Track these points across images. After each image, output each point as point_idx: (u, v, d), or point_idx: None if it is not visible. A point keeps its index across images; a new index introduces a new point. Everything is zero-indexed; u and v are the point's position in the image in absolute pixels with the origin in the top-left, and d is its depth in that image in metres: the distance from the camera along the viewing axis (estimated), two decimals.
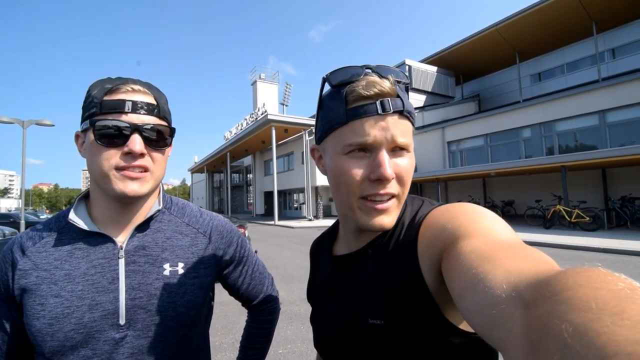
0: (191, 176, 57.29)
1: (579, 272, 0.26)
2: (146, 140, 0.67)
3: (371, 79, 0.53)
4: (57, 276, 0.67)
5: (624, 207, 11.67)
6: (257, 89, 34.94)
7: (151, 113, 0.68)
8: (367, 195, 0.53)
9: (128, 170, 0.66)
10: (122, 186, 0.65)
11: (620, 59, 18.89)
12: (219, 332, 3.83)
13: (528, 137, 16.18)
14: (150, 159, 0.69)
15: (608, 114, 13.55)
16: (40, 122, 12.67)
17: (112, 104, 0.65)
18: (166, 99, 0.75)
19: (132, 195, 0.66)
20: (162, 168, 0.73)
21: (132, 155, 0.66)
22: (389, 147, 0.53)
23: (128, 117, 0.66)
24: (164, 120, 0.72)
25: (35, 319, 0.64)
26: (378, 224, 0.54)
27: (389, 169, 0.51)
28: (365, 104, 0.52)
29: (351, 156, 0.54)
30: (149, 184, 0.69)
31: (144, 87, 0.70)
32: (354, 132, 0.53)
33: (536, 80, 23.01)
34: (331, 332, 0.64)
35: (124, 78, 0.70)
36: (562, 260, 7.02)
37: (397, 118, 0.53)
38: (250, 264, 0.92)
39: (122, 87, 0.67)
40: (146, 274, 0.71)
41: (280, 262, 7.94)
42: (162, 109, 0.71)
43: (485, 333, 0.33)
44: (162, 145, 0.71)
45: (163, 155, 0.72)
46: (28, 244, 0.70)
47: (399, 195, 0.55)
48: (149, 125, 0.67)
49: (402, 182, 0.54)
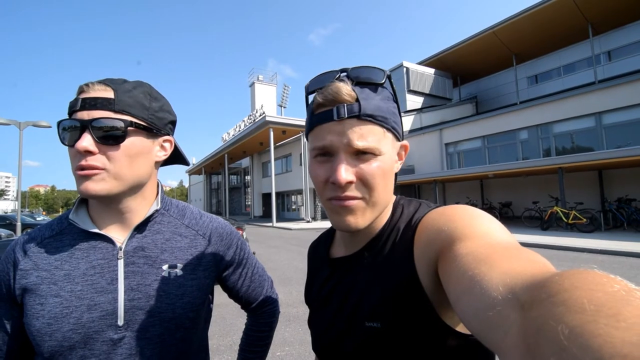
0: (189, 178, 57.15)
1: (574, 274, 0.26)
2: (99, 137, 0.64)
3: (331, 86, 0.54)
4: (57, 276, 0.67)
5: (620, 208, 11.71)
6: (255, 91, 35.00)
7: (104, 108, 0.64)
8: (333, 197, 0.55)
9: (82, 169, 0.64)
10: (81, 187, 0.64)
11: (616, 61, 19.01)
12: (216, 334, 3.82)
13: (525, 139, 16.25)
14: (104, 157, 0.65)
15: (604, 116, 13.63)
16: (37, 123, 12.61)
17: (70, 104, 0.66)
18: (143, 93, 0.70)
19: (89, 195, 0.65)
20: (126, 165, 0.67)
21: (82, 153, 0.63)
22: (348, 151, 0.54)
23: (77, 115, 0.64)
24: (122, 114, 0.66)
25: (35, 319, 0.64)
26: (344, 223, 0.55)
27: (342, 174, 0.52)
28: (323, 111, 0.55)
29: (317, 160, 0.57)
30: (106, 183, 0.65)
31: (104, 84, 0.66)
32: (316, 137, 0.56)
33: (533, 82, 23.12)
34: (329, 336, 0.64)
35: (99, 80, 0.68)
36: (559, 262, 7.04)
37: (355, 122, 0.53)
38: (250, 266, 0.92)
39: (83, 88, 0.66)
40: (145, 275, 0.71)
41: (278, 264, 7.92)
42: (122, 102, 0.66)
43: (481, 335, 0.33)
44: (116, 142, 0.65)
45: (119, 151, 0.66)
46: (30, 244, 0.70)
47: (365, 198, 0.55)
48: (97, 121, 0.63)
49: (367, 185, 0.54)
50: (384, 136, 0.55)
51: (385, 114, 0.55)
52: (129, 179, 0.68)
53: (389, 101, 0.57)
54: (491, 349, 0.32)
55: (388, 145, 0.56)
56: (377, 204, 0.56)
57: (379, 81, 0.56)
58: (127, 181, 0.68)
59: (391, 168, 0.57)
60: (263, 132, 23.14)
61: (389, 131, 0.56)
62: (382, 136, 0.55)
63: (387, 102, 0.57)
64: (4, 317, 0.69)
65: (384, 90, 0.58)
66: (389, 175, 0.57)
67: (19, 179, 12.63)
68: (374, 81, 0.56)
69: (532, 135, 15.92)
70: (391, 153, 0.57)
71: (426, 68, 26.06)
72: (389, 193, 0.59)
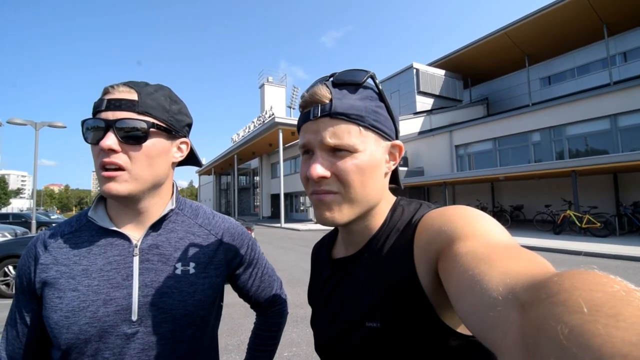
0: (199, 178, 57.78)
1: (574, 274, 0.26)
2: (122, 137, 0.67)
3: (311, 89, 0.58)
4: (76, 271, 0.69)
5: (636, 212, 11.44)
6: (265, 92, 35.19)
7: (128, 109, 0.67)
8: (313, 192, 0.58)
9: (106, 170, 0.67)
10: (104, 187, 0.67)
11: (632, 62, 18.60)
12: (225, 333, 3.85)
13: (537, 141, 15.98)
14: (126, 156, 0.67)
15: (620, 118, 13.32)
16: (52, 123, 12.90)
17: (95, 104, 0.68)
18: (165, 96, 0.73)
19: (111, 195, 0.67)
20: (146, 166, 0.70)
21: (105, 152, 0.66)
22: (324, 148, 0.57)
23: (102, 115, 0.67)
24: (144, 115, 0.69)
25: (53, 312, 0.66)
26: (322, 217, 0.58)
27: (315, 169, 0.55)
28: (304, 112, 0.60)
29: (304, 158, 0.61)
30: (128, 184, 0.68)
31: (128, 86, 0.69)
32: (300, 136, 0.61)
33: (546, 83, 22.76)
34: (330, 336, 0.65)
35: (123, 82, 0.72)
36: (572, 266, 6.74)
37: (327, 121, 0.56)
38: (260, 266, 0.93)
39: (108, 89, 0.69)
40: (159, 272, 0.73)
41: (286, 265, 7.95)
42: (145, 104, 0.69)
43: (481, 335, 0.33)
44: (138, 142, 0.68)
45: (141, 151, 0.69)
46: (50, 240, 0.73)
47: (341, 193, 0.57)
48: (121, 121, 0.66)
49: (342, 181, 0.56)
50: (361, 134, 0.56)
51: (362, 112, 0.56)
52: (149, 179, 0.71)
53: (370, 100, 0.58)
54: (490, 349, 0.31)
55: (368, 144, 0.57)
56: (354, 200, 0.57)
57: (358, 81, 0.58)
58: (147, 181, 0.71)
59: (373, 166, 0.57)
60: (272, 133, 23.26)
61: (367, 129, 0.57)
62: (359, 134, 0.56)
63: (367, 101, 0.58)
64: (24, 310, 0.72)
65: (365, 90, 0.59)
66: (369, 172, 0.57)
67: (34, 178, 12.94)
68: (352, 81, 0.58)
69: (544, 137, 15.64)
70: (373, 151, 0.57)
71: (436, 69, 25.88)
72: (371, 191, 0.58)
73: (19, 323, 0.72)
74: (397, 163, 0.63)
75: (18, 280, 0.72)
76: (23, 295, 0.72)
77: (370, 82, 0.60)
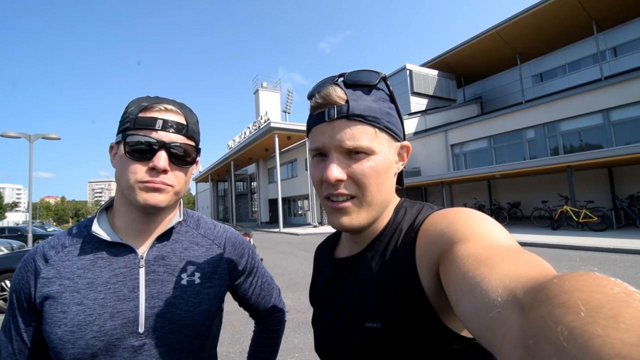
0: (196, 185, 57.62)
1: (574, 276, 0.26)
2: (172, 158, 0.70)
3: (324, 89, 0.57)
4: (80, 284, 0.69)
5: (632, 206, 11.53)
6: (260, 98, 35.21)
7: (179, 132, 0.71)
8: (328, 195, 0.57)
9: (151, 183, 0.68)
10: (145, 196, 0.68)
11: (622, 57, 18.80)
12: (226, 341, 3.81)
13: (532, 137, 16.10)
14: (173, 176, 0.71)
15: (612, 113, 13.46)
16: (46, 135, 12.81)
17: (145, 120, 0.69)
18: (197, 120, 0.78)
19: (153, 205, 0.69)
20: (184, 184, 0.76)
21: (156, 170, 0.68)
22: (340, 151, 0.56)
23: (157, 135, 0.69)
24: (191, 140, 0.74)
25: (57, 327, 0.65)
26: (338, 222, 0.57)
27: (333, 172, 0.54)
28: (317, 113, 0.58)
29: (316, 160, 0.60)
30: (169, 197, 0.72)
31: (176, 107, 0.73)
32: (312, 139, 0.60)
33: (538, 80, 22.96)
34: (329, 336, 0.65)
35: (160, 98, 0.74)
36: (570, 262, 6.93)
37: (344, 123, 0.55)
38: (260, 275, 0.94)
39: (156, 106, 0.70)
40: (165, 283, 0.73)
41: (286, 270, 7.92)
42: (191, 129, 0.74)
43: (481, 336, 0.33)
44: (186, 164, 0.74)
45: (186, 173, 0.75)
46: (51, 252, 0.72)
47: (358, 197, 0.56)
48: (176, 144, 0.70)
49: (358, 183, 0.55)
50: (376, 136, 0.56)
51: (377, 114, 0.56)
52: (182, 195, 0.77)
53: (383, 102, 0.58)
54: (490, 351, 0.32)
55: (382, 145, 0.57)
56: (371, 203, 0.57)
57: (372, 83, 0.57)
58: (180, 197, 0.76)
59: (387, 168, 0.58)
60: (268, 139, 23.27)
61: (382, 131, 0.57)
62: (374, 136, 0.56)
63: (381, 103, 0.58)
64: (21, 325, 0.70)
65: (378, 91, 0.59)
66: (384, 174, 0.57)
67: (29, 190, 12.84)
68: (366, 83, 0.57)
69: (539, 134, 15.77)
70: (387, 153, 0.58)
71: (429, 70, 26.02)
72: (385, 193, 0.59)
73: (14, 340, 0.70)
74: (404, 163, 0.64)
75: (15, 295, 0.70)
76: (20, 310, 0.70)
77: (382, 83, 0.60)
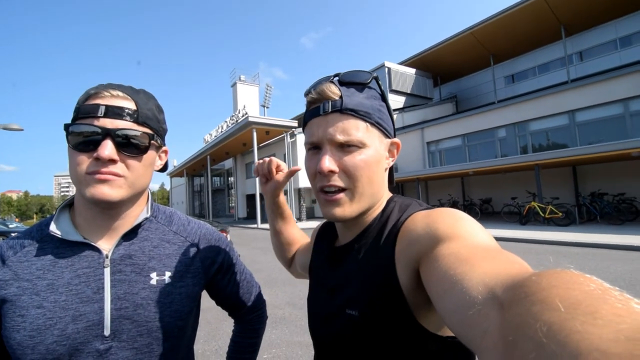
0: (170, 180, 56.00)
1: (552, 273, 0.27)
2: (120, 146, 0.64)
3: (320, 86, 0.61)
4: (40, 286, 0.64)
5: (593, 202, 12.20)
6: (237, 91, 34.57)
7: (128, 118, 0.65)
8: (321, 187, 0.60)
9: (97, 174, 0.63)
10: (92, 190, 0.63)
11: (588, 61, 19.81)
12: (201, 339, 3.75)
13: (503, 136, 16.72)
14: (124, 165, 0.66)
15: (577, 114, 14.18)
16: (7, 126, 12.06)
17: (87, 108, 0.64)
18: (155, 105, 0.73)
19: (103, 200, 0.63)
20: (141, 175, 0.69)
21: (102, 161, 0.63)
22: (332, 143, 0.59)
23: (100, 122, 0.63)
24: (144, 126, 0.68)
25: (15, 332, 0.61)
26: (331, 213, 0.60)
27: (325, 163, 0.57)
28: (313, 108, 0.62)
29: (310, 153, 0.63)
30: (122, 190, 0.66)
31: (125, 92, 0.67)
32: (307, 132, 0.63)
33: (510, 81, 23.80)
34: (317, 318, 0.69)
35: (111, 84, 0.68)
36: (537, 255, 7.27)
37: (338, 116, 0.58)
38: (239, 272, 0.91)
39: (102, 93, 0.65)
40: (132, 283, 0.69)
41: (264, 266, 7.85)
42: (144, 115, 0.68)
43: (461, 334, 0.34)
44: (139, 152, 0.67)
45: (140, 162, 0.68)
46: (8, 253, 0.67)
47: (350, 189, 0.59)
48: (123, 130, 0.64)
49: (350, 175, 0.58)
50: (368, 130, 0.59)
51: (369, 110, 0.60)
52: (140, 187, 0.70)
53: (375, 99, 0.62)
54: (470, 348, 0.32)
55: (373, 140, 0.60)
56: (362, 194, 0.60)
57: (364, 81, 0.61)
58: (137, 189, 0.70)
59: (377, 161, 0.61)
60: (246, 133, 22.91)
61: (373, 126, 0.60)
62: (366, 130, 0.59)
63: (372, 100, 0.61)
64: None
65: (370, 90, 0.63)
66: (375, 167, 0.60)
67: None
68: (359, 81, 0.61)
69: (509, 133, 16.39)
70: (378, 147, 0.61)
71: (407, 68, 26.42)
72: (376, 185, 0.62)
73: None
74: (395, 160, 0.67)
75: None
76: None
77: (374, 83, 0.63)
